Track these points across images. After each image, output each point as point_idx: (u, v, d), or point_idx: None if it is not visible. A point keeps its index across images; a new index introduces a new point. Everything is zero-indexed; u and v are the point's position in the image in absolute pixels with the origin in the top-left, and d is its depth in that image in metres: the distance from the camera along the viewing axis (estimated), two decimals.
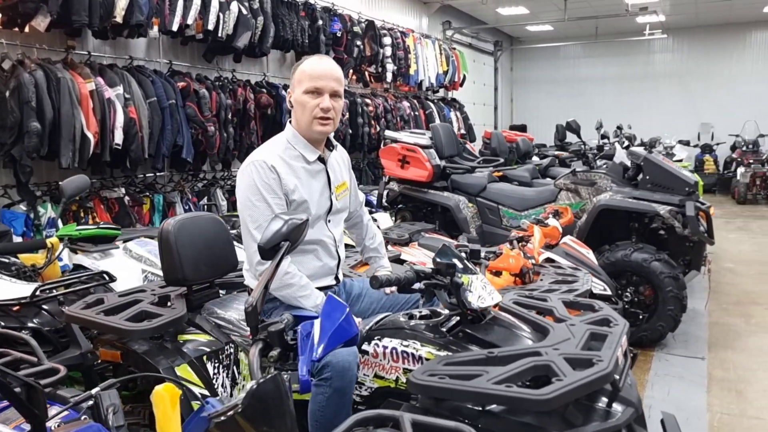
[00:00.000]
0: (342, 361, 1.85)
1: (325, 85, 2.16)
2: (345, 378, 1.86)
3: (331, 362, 1.85)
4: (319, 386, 1.87)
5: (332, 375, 1.84)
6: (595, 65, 15.65)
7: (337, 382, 1.85)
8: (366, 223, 2.59)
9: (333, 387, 1.85)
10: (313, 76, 2.16)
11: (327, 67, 2.19)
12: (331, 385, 1.85)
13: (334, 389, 1.85)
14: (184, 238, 2.36)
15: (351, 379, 1.89)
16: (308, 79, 2.16)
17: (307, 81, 2.16)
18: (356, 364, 1.93)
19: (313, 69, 2.17)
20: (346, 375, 1.86)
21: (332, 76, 2.18)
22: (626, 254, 4.33)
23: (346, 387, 1.87)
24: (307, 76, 2.16)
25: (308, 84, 2.15)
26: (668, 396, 3.73)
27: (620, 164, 4.75)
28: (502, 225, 4.95)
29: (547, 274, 3.06)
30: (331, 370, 1.84)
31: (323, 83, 2.15)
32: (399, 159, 5.06)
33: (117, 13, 5.07)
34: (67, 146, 4.77)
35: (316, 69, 2.17)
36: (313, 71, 2.16)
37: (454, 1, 11.84)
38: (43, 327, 2.76)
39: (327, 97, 2.16)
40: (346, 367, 1.86)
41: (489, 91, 14.98)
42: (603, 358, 1.73)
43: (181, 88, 5.83)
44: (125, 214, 5.46)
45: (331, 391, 1.85)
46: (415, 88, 10.02)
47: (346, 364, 1.86)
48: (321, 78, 2.15)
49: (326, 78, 2.16)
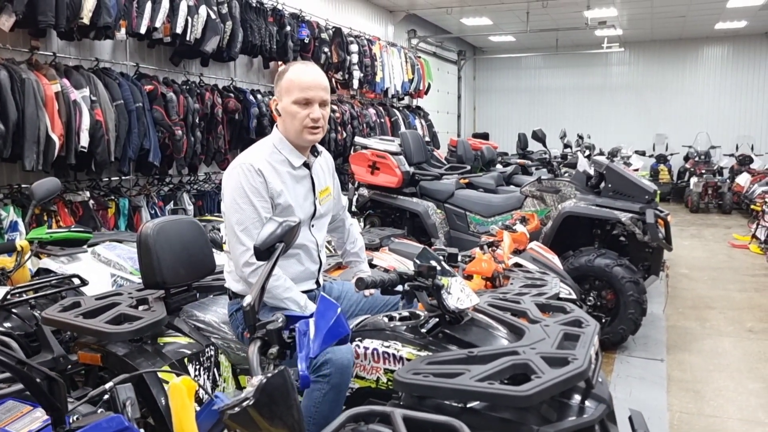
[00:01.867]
0: (341, 358, 1.90)
1: (314, 96, 2.19)
2: (344, 375, 1.91)
3: (331, 359, 1.89)
4: (316, 383, 1.91)
5: (332, 372, 1.89)
6: (556, 76, 16.04)
7: (335, 379, 1.89)
8: (348, 228, 2.64)
9: (331, 383, 1.89)
10: (303, 86, 2.18)
11: (315, 77, 2.22)
12: (329, 382, 1.89)
13: (332, 386, 1.89)
14: (162, 241, 2.36)
15: (348, 377, 1.94)
16: (298, 90, 2.18)
17: (297, 91, 2.18)
18: (353, 363, 1.98)
19: (301, 79, 2.19)
20: (345, 372, 1.91)
21: (321, 86, 2.22)
22: (589, 259, 4.47)
23: (343, 384, 1.92)
24: (296, 86, 2.19)
25: (298, 95, 2.18)
26: (630, 396, 3.87)
27: (584, 173, 4.91)
28: (469, 231, 5.06)
29: (517, 278, 3.15)
30: (331, 366, 1.88)
31: (313, 94, 2.19)
32: (369, 165, 5.12)
33: (84, 14, 5.00)
34: (31, 148, 4.67)
35: (304, 79, 2.19)
36: (302, 82, 2.19)
37: (420, 11, 12.01)
38: (13, 331, 2.71)
39: (317, 107, 2.20)
40: (345, 364, 1.91)
41: (452, 99, 15.20)
42: (578, 356, 1.82)
43: (148, 92, 5.77)
44: (90, 217, 5.36)
45: (329, 387, 1.89)
46: (381, 95, 10.11)
47: (346, 362, 1.91)
48: (310, 88, 2.19)
49: (315, 88, 2.20)
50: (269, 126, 7.23)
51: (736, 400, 3.83)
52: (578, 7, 11.15)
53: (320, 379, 1.89)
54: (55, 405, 0.92)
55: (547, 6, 10.96)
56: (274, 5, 7.55)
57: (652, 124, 15.02)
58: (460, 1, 11.15)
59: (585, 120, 14.91)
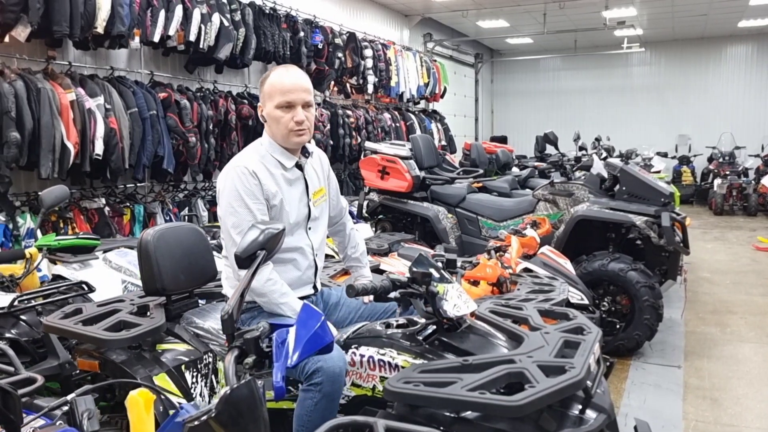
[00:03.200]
0: (333, 366, 1.88)
1: (296, 98, 2.18)
2: (335, 383, 1.89)
3: (322, 367, 1.87)
4: (308, 391, 1.89)
5: (323, 380, 1.87)
6: (575, 78, 15.88)
7: (327, 387, 1.87)
8: (349, 232, 2.62)
9: (323, 392, 1.87)
10: (284, 90, 2.18)
11: (295, 80, 2.21)
12: (321, 390, 1.87)
13: (323, 394, 1.87)
14: (163, 248, 2.36)
15: (340, 385, 1.92)
16: (279, 94, 2.18)
17: (278, 96, 2.18)
18: (345, 371, 1.96)
19: (282, 83, 2.19)
20: (336, 380, 1.89)
21: (302, 88, 2.21)
22: (603, 264, 4.39)
23: (335, 392, 1.90)
24: (277, 90, 2.18)
25: (279, 99, 2.18)
26: (644, 404, 3.78)
27: (597, 175, 4.84)
28: (481, 235, 5.01)
29: (524, 284, 3.10)
30: (323, 375, 1.87)
31: (294, 96, 2.18)
32: (379, 170, 5.11)
33: (98, 24, 5.07)
34: (47, 156, 4.74)
35: (285, 83, 2.19)
36: (283, 86, 2.18)
37: (435, 14, 11.97)
38: (20, 337, 2.75)
39: (300, 109, 2.19)
40: (336, 372, 1.89)
41: (470, 102, 15.13)
42: (575, 365, 1.77)
43: (162, 99, 5.83)
44: (105, 224, 5.43)
45: (320, 396, 1.87)
46: (396, 99, 10.10)
47: (337, 370, 1.89)
48: (291, 91, 2.18)
49: (296, 91, 2.19)
50: None
51: (755, 408, 3.73)
52: (596, 8, 11.03)
53: (311, 387, 1.88)
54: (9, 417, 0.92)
55: (565, 7, 10.86)
56: (288, 11, 7.59)
57: (674, 125, 14.79)
58: (476, 4, 11.10)
59: (605, 122, 14.71)
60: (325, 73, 8.17)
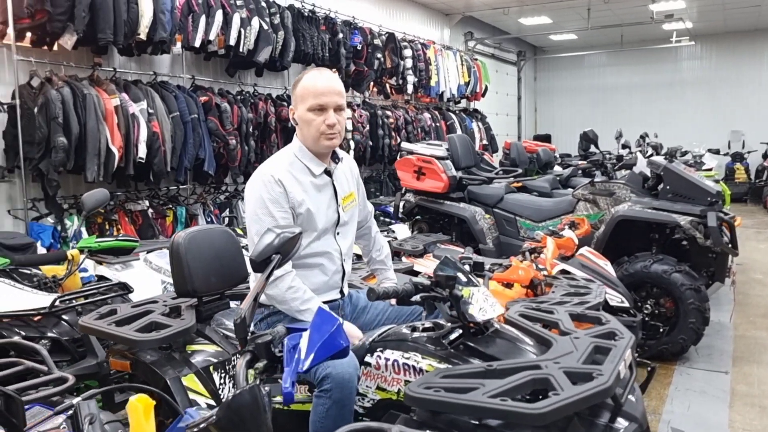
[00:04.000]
0: (342, 372, 1.87)
1: (328, 101, 2.18)
2: (344, 390, 1.87)
3: (331, 374, 1.86)
4: (319, 398, 1.89)
5: (332, 387, 1.86)
6: (621, 74, 15.49)
7: (336, 394, 1.86)
8: (374, 236, 2.60)
9: (333, 399, 1.86)
10: (316, 93, 2.18)
11: (328, 83, 2.21)
12: (330, 397, 1.86)
13: (333, 401, 1.86)
14: (194, 251, 2.40)
15: (350, 391, 1.90)
16: (312, 97, 2.18)
17: (311, 98, 2.18)
18: (357, 376, 1.94)
19: (315, 86, 2.19)
20: (345, 387, 1.87)
21: (335, 91, 2.20)
22: (646, 266, 4.26)
23: (345, 399, 1.88)
24: (310, 93, 2.18)
25: (312, 101, 2.18)
26: (688, 411, 3.65)
27: (640, 174, 4.70)
28: (519, 236, 4.92)
29: (559, 286, 3.03)
30: (331, 381, 1.86)
31: (327, 99, 2.18)
32: (415, 170, 5.08)
33: (141, 30, 5.21)
34: (93, 160, 4.89)
35: (318, 86, 2.19)
36: (316, 88, 2.18)
37: (476, 12, 11.86)
38: (61, 337, 2.85)
39: (332, 112, 2.18)
40: (346, 378, 1.87)
41: (512, 101, 14.93)
42: (603, 372, 1.71)
43: (203, 103, 5.94)
44: (149, 226, 5.57)
45: (331, 402, 1.86)
46: (437, 99, 10.05)
47: (347, 376, 1.88)
48: (324, 94, 2.17)
49: (329, 94, 2.18)
50: None
51: None
52: (643, 1, 10.73)
53: (322, 394, 1.87)
54: (11, 422, 0.94)
55: (609, 1, 10.61)
56: (327, 14, 7.63)
57: (726, 120, 14.26)
58: (518, 1, 10.95)
59: (653, 118, 14.29)
60: (364, 74, 8.20)
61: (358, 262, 3.56)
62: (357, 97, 8.63)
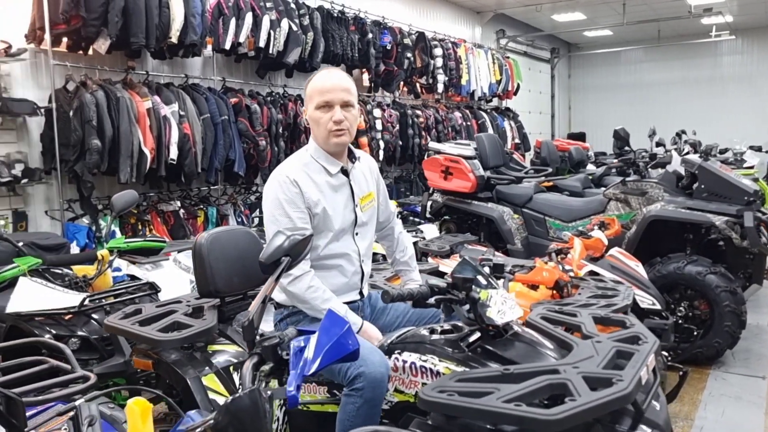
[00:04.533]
0: (374, 372, 1.87)
1: (334, 98, 2.17)
2: (376, 389, 1.87)
3: (363, 372, 1.86)
4: (349, 396, 1.89)
5: (364, 386, 1.86)
6: (658, 69, 15.12)
7: (368, 393, 1.86)
8: (397, 236, 2.59)
9: (364, 398, 1.86)
10: (322, 90, 2.18)
11: (335, 80, 2.20)
12: (362, 396, 1.86)
13: (365, 400, 1.86)
14: (216, 252, 2.43)
15: (382, 391, 1.90)
16: (318, 94, 2.18)
17: (317, 96, 2.18)
18: (387, 376, 1.94)
19: (322, 84, 2.19)
20: (377, 386, 1.87)
21: (340, 87, 2.19)
22: (679, 267, 4.15)
23: (377, 398, 1.88)
24: (316, 91, 2.19)
25: (318, 99, 2.18)
26: (722, 417, 3.54)
27: (674, 173, 4.58)
28: (548, 236, 4.85)
29: (586, 288, 2.96)
30: (364, 380, 1.86)
31: (332, 96, 2.17)
32: (442, 170, 5.04)
33: (172, 34, 5.30)
34: (126, 162, 4.99)
35: (324, 83, 2.19)
36: (323, 86, 2.18)
37: (508, 10, 11.74)
38: (90, 335, 2.91)
39: (338, 109, 2.17)
40: (378, 378, 1.87)
41: (545, 99, 14.73)
42: (624, 377, 1.67)
43: (233, 104, 6.02)
44: (180, 226, 5.66)
45: (362, 401, 1.86)
46: (468, 98, 9.98)
47: (378, 375, 1.88)
48: (329, 91, 2.17)
49: (334, 90, 2.17)
50: None
51: None
52: None
53: (353, 392, 1.87)
54: (12, 423, 0.96)
55: None
56: (356, 14, 7.65)
57: None
58: None
59: (692, 115, 13.92)
60: (393, 73, 8.19)
61: (383, 263, 3.55)
62: (387, 96, 8.62)
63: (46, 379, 1.71)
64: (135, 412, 0.95)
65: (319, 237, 2.20)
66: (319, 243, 2.20)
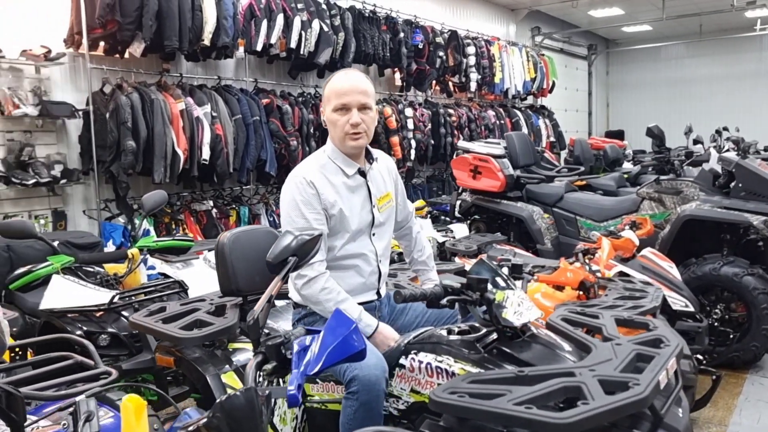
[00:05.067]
0: (368, 375, 1.86)
1: (351, 101, 2.17)
2: (372, 392, 1.86)
3: (357, 376, 1.86)
4: (347, 399, 1.89)
5: (359, 389, 1.86)
6: (700, 65, 14.70)
7: (363, 396, 1.86)
8: (415, 236, 2.58)
9: (360, 401, 1.86)
10: (339, 93, 2.17)
11: (352, 82, 2.19)
12: (358, 399, 1.86)
13: (361, 403, 1.86)
14: (238, 251, 2.45)
15: (378, 394, 1.88)
16: (335, 97, 2.18)
17: (334, 98, 2.18)
18: (384, 379, 1.93)
19: (340, 86, 2.19)
20: (372, 389, 1.86)
21: (358, 90, 2.18)
22: (715, 268, 4.03)
23: (372, 401, 1.87)
24: (333, 93, 2.19)
25: (335, 101, 2.18)
26: (758, 423, 3.43)
27: (710, 171, 4.44)
28: (579, 236, 4.76)
29: (614, 289, 2.90)
30: (358, 383, 1.85)
31: (349, 99, 2.17)
32: (471, 169, 5.00)
33: (205, 36, 5.40)
34: (160, 162, 5.10)
35: (342, 86, 2.18)
36: (340, 88, 2.18)
37: (543, 6, 11.57)
38: (120, 332, 2.98)
39: (355, 111, 2.17)
40: (372, 381, 1.86)
41: (582, 96, 14.48)
42: (641, 381, 1.63)
43: (265, 105, 6.08)
44: (212, 225, 5.76)
45: (358, 404, 1.86)
46: (501, 96, 9.88)
47: (373, 378, 1.87)
48: (347, 94, 2.17)
49: (352, 93, 2.17)
50: (382, 133, 7.33)
51: None
52: None
53: (350, 396, 1.86)
54: (12, 417, 0.99)
55: None
56: (388, 13, 7.65)
57: None
58: None
59: (735, 111, 13.48)
60: (425, 72, 8.17)
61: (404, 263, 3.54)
62: (419, 96, 8.60)
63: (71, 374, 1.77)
64: (129, 409, 0.97)
65: (335, 238, 2.21)
66: (336, 244, 2.21)
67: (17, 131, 4.76)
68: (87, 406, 1.04)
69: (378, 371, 1.88)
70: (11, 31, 4.71)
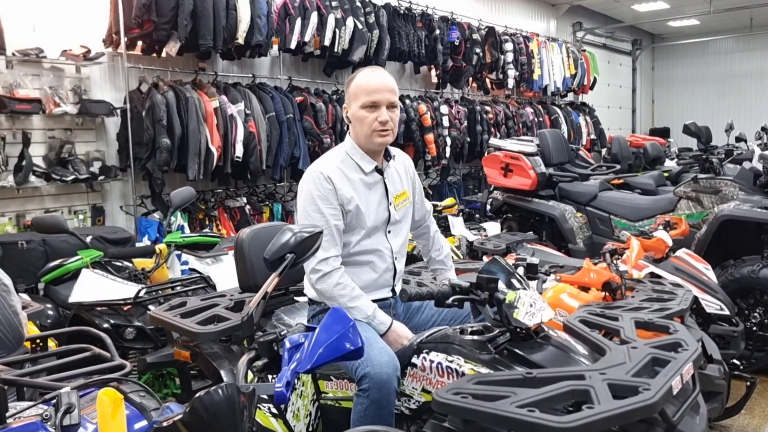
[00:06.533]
0: (380, 372, 1.85)
1: (381, 98, 2.17)
2: (383, 390, 1.86)
3: (369, 373, 1.86)
4: (358, 396, 1.89)
5: (370, 386, 1.85)
6: (751, 59, 14.15)
7: (374, 394, 1.85)
8: (432, 235, 2.56)
9: (371, 399, 1.85)
10: (369, 90, 2.18)
11: (381, 80, 2.20)
12: (369, 397, 1.85)
13: (371, 401, 1.85)
14: (256, 247, 2.47)
15: (389, 392, 1.88)
16: (364, 94, 2.18)
17: (363, 96, 2.18)
18: (396, 377, 1.92)
19: (367, 83, 2.19)
20: (384, 387, 1.85)
21: (387, 88, 2.19)
22: (754, 270, 3.87)
23: (383, 399, 1.86)
24: (362, 90, 2.19)
25: (365, 99, 2.18)
26: None
27: (751, 170, 4.28)
28: (614, 236, 4.64)
29: (642, 290, 2.82)
30: (369, 381, 1.85)
31: (379, 96, 2.17)
32: (502, 167, 4.94)
33: (239, 35, 5.46)
34: (194, 160, 5.19)
35: (370, 83, 2.19)
36: (368, 85, 2.18)
37: (585, 1, 11.32)
38: (146, 325, 3.05)
39: (384, 109, 2.17)
40: (384, 379, 1.86)
41: (626, 93, 14.12)
42: (651, 386, 1.58)
43: (299, 103, 6.13)
44: (246, 222, 5.83)
45: (369, 402, 1.85)
46: (540, 93, 9.72)
47: (384, 376, 1.86)
48: (376, 91, 2.17)
49: (381, 91, 2.17)
50: (417, 130, 7.30)
51: None
52: None
53: (361, 393, 1.86)
54: None
55: None
56: (424, 10, 7.61)
57: None
58: None
59: None
60: (462, 69, 8.09)
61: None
62: (455, 93, 8.54)
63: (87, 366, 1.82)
64: (104, 402, 0.98)
65: (351, 234, 2.21)
66: (351, 239, 2.21)
67: (58, 129, 4.92)
68: (68, 398, 1.06)
69: (390, 369, 1.87)
70: (52, 32, 4.86)
